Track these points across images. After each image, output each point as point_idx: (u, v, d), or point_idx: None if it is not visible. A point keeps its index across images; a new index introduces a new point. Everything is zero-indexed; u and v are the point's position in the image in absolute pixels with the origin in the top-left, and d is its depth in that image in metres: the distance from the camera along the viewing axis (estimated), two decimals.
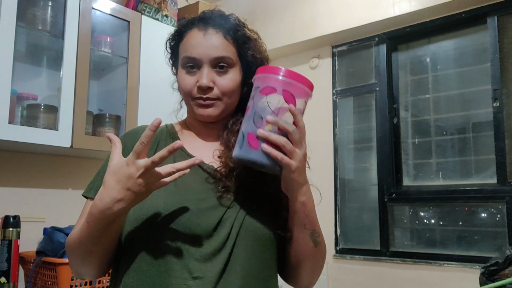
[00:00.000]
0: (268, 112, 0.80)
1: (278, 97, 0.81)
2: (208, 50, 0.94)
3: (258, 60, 1.00)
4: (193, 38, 0.96)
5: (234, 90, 0.97)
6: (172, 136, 1.01)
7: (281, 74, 0.81)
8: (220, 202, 0.90)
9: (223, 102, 0.96)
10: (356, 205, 2.65)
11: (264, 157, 0.80)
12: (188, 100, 0.98)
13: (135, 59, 2.08)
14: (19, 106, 1.82)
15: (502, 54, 2.21)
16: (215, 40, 0.95)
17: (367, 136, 2.64)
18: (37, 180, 2.03)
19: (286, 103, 0.80)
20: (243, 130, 0.83)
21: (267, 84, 0.82)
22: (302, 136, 0.82)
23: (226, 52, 0.95)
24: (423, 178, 2.46)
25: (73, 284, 1.69)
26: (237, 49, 0.98)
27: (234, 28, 0.98)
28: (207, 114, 0.96)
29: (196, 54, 0.95)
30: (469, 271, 2.12)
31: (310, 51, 2.86)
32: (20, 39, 1.82)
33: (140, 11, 2.24)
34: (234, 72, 0.97)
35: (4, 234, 1.74)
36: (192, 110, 0.99)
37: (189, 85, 0.96)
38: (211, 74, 0.95)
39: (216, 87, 0.95)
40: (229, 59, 0.96)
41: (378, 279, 2.42)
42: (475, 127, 2.31)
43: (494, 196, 2.15)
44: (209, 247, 0.86)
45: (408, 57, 2.59)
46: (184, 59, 0.97)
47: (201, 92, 0.94)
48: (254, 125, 0.81)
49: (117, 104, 2.11)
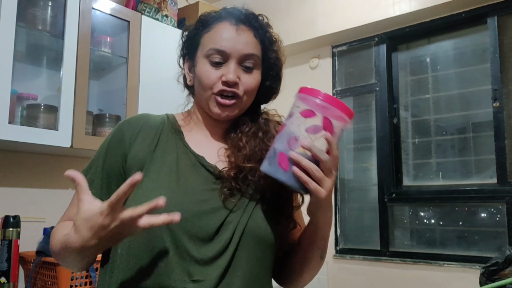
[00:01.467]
0: (303, 136, 0.79)
1: (316, 122, 0.79)
2: (240, 45, 0.92)
3: (280, 62, 1.00)
4: (225, 31, 0.93)
5: (255, 89, 0.97)
6: (175, 130, 0.97)
7: (323, 99, 0.79)
8: (224, 204, 0.89)
9: (242, 101, 0.95)
10: (356, 205, 2.65)
11: (292, 179, 0.80)
12: (208, 94, 0.94)
13: (135, 59, 2.08)
14: (19, 106, 1.82)
15: (502, 54, 2.21)
16: (247, 37, 0.94)
17: (367, 136, 2.64)
18: (37, 180, 2.03)
19: (323, 130, 0.79)
20: (275, 146, 0.82)
21: (307, 106, 0.80)
22: (334, 165, 0.82)
23: (255, 51, 0.95)
24: (423, 178, 2.46)
25: (73, 284, 1.69)
26: (263, 49, 0.97)
27: (264, 29, 0.98)
28: (225, 115, 0.94)
29: (226, 47, 0.92)
30: (469, 271, 2.12)
31: (310, 51, 2.86)
32: (20, 39, 1.81)
33: (140, 11, 2.24)
34: (257, 72, 0.96)
35: (4, 234, 1.74)
36: (207, 106, 0.95)
37: (213, 78, 0.92)
38: (237, 70, 0.93)
39: (241, 84, 0.93)
40: (256, 58, 0.95)
41: (378, 279, 2.42)
42: (475, 127, 2.31)
43: (494, 196, 2.15)
44: (210, 250, 0.85)
45: (408, 57, 2.59)
46: (210, 50, 0.93)
47: (226, 86, 0.92)
48: (287, 145, 0.80)
49: (117, 104, 2.10)
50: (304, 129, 0.79)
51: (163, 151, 0.93)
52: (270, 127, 0.99)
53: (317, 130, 0.79)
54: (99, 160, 0.95)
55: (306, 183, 0.79)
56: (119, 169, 0.93)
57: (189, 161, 0.92)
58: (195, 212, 0.86)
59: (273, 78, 1.01)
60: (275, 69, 1.00)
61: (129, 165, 0.92)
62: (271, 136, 0.96)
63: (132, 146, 0.93)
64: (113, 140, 0.95)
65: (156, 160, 0.91)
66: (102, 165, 0.94)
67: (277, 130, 0.98)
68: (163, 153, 0.92)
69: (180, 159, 0.92)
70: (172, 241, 0.83)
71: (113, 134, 0.97)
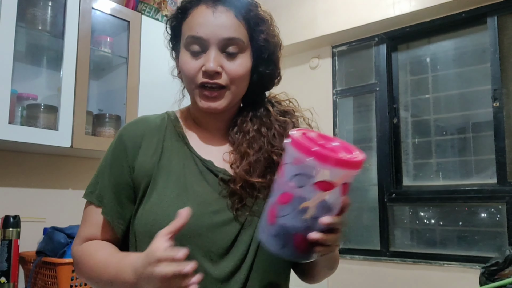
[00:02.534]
0: (326, 211, 0.67)
1: (337, 193, 0.67)
2: (217, 29, 0.83)
3: (271, 45, 0.90)
4: (200, 16, 0.84)
5: (244, 77, 0.87)
6: (179, 134, 0.92)
7: (342, 167, 0.64)
8: (236, 214, 0.84)
9: (231, 91, 0.86)
10: (356, 205, 2.65)
11: (311, 256, 0.72)
12: (192, 87, 0.87)
13: (135, 59, 2.08)
14: (19, 106, 1.82)
15: (502, 54, 2.20)
16: (225, 19, 0.84)
17: (367, 136, 2.64)
18: (37, 180, 2.03)
19: (343, 196, 0.69)
20: (285, 224, 0.68)
21: (322, 176, 0.65)
22: (345, 222, 0.73)
23: (237, 33, 0.84)
24: (423, 178, 2.45)
25: (73, 284, 1.69)
26: (249, 31, 0.87)
27: (247, 7, 0.87)
28: (213, 107, 0.86)
29: (203, 33, 0.83)
30: (469, 271, 2.12)
31: (310, 51, 2.86)
32: (20, 39, 1.81)
33: (140, 11, 2.24)
34: (245, 57, 0.87)
35: (4, 234, 1.74)
36: (194, 100, 0.88)
37: (193, 70, 0.84)
38: (219, 57, 0.84)
39: (224, 72, 0.84)
40: (240, 42, 0.85)
41: (378, 279, 2.42)
42: (475, 127, 2.31)
43: (494, 196, 2.15)
44: (227, 265, 0.81)
45: (408, 57, 2.59)
46: (188, 39, 0.85)
47: (207, 77, 0.84)
48: (303, 223, 0.67)
49: (117, 104, 2.10)
50: (328, 204, 0.68)
51: (168, 160, 0.88)
52: (272, 121, 0.91)
53: (339, 201, 0.69)
54: (105, 174, 0.91)
55: (324, 253, 0.73)
56: (127, 179, 0.89)
57: (196, 168, 0.88)
58: (208, 226, 0.82)
59: (265, 62, 0.91)
60: (266, 51, 0.89)
61: (137, 176, 0.88)
62: (274, 133, 0.89)
63: (136, 156, 0.89)
64: (116, 151, 0.91)
65: (162, 171, 0.87)
66: (109, 178, 0.90)
67: (279, 121, 0.91)
68: (168, 162, 0.88)
69: (187, 167, 0.88)
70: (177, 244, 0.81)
71: (115, 146, 0.92)
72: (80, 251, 0.89)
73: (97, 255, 0.86)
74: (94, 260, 0.85)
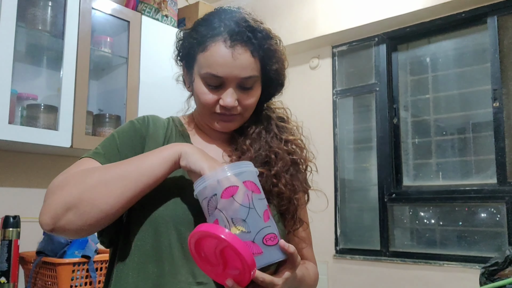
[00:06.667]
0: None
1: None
2: (236, 71, 0.89)
3: (281, 73, 0.98)
4: (220, 56, 0.88)
5: (255, 103, 0.96)
6: (182, 134, 0.98)
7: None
8: None
9: (243, 116, 0.95)
10: (356, 205, 2.65)
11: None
12: (207, 112, 0.94)
13: (135, 59, 2.08)
14: (19, 106, 1.82)
15: (502, 54, 2.21)
16: (243, 60, 0.89)
17: (367, 136, 2.64)
18: (37, 180, 2.03)
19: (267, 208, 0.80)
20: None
21: None
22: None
23: (253, 72, 0.91)
24: (423, 178, 2.46)
25: (73, 284, 1.69)
26: (262, 63, 0.93)
27: (261, 42, 0.92)
28: (228, 128, 0.96)
29: (222, 74, 0.89)
30: (469, 271, 2.12)
31: (310, 51, 2.86)
32: (20, 39, 1.81)
33: (140, 11, 2.24)
34: (257, 87, 0.95)
35: (4, 234, 1.74)
36: (208, 121, 0.96)
37: (211, 101, 0.91)
38: (236, 93, 0.91)
39: (239, 105, 0.92)
40: (255, 78, 0.92)
41: (378, 279, 2.42)
42: (475, 127, 2.31)
43: (494, 196, 2.15)
44: None
45: (408, 57, 2.59)
46: (207, 75, 0.90)
47: (224, 110, 0.92)
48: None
49: (117, 104, 2.10)
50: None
51: None
52: (272, 124, 0.99)
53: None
54: (112, 145, 0.91)
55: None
56: (141, 145, 0.91)
57: None
58: (202, 218, 0.84)
59: (276, 86, 1.01)
60: (278, 80, 0.98)
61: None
62: (273, 135, 0.97)
63: (146, 138, 0.93)
64: (127, 130, 0.93)
65: None
66: (119, 147, 0.91)
67: (278, 126, 1.00)
68: None
69: None
70: (178, 241, 0.84)
71: (125, 126, 0.95)
72: (73, 171, 0.87)
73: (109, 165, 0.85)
74: (108, 165, 0.84)
